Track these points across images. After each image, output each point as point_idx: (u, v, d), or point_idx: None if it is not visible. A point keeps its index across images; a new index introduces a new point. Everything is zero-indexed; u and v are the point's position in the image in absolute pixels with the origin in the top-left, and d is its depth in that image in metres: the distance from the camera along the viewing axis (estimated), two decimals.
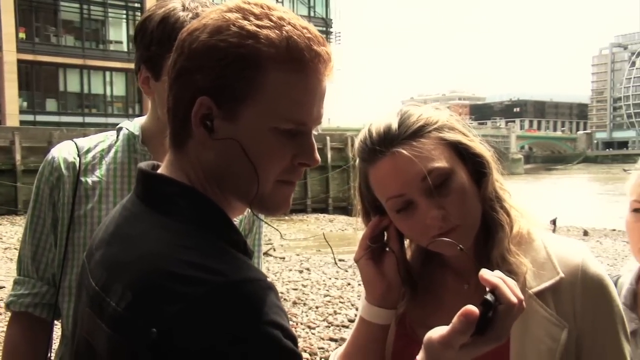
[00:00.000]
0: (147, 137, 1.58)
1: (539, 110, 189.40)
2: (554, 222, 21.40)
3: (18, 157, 20.35)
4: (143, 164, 0.94)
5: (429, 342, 0.89)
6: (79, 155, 1.57)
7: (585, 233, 21.27)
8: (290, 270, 11.55)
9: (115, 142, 1.60)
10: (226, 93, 0.84)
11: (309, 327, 7.57)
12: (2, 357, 1.60)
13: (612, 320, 1.10)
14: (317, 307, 8.52)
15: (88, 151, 1.59)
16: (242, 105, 0.84)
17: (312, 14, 41.52)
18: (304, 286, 10.04)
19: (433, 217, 1.05)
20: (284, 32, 0.83)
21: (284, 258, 12.99)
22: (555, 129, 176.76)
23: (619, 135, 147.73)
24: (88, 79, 33.40)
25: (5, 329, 1.66)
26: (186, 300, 0.75)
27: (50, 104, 32.25)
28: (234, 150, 0.84)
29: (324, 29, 42.41)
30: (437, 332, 0.88)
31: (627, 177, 1.45)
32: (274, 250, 14.76)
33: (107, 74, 33.52)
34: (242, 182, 0.87)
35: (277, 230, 1.71)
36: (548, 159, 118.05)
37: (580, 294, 1.08)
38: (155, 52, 1.45)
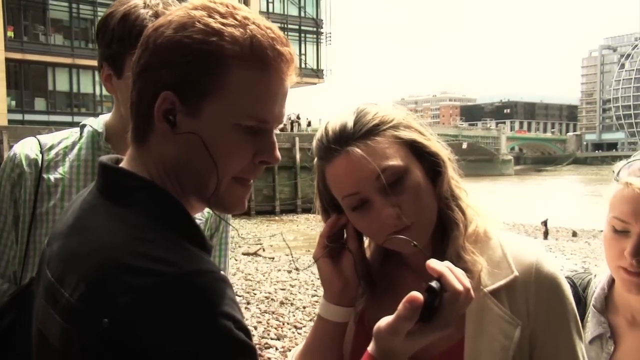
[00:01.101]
0: (110, 134, 1.57)
1: (529, 111, 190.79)
2: (545, 223, 21.54)
3: (5, 155, 20.23)
4: (105, 158, 0.94)
5: (377, 330, 0.91)
6: (41, 152, 1.56)
7: (574, 234, 21.41)
8: (279, 270, 11.55)
9: (79, 140, 1.59)
10: (189, 88, 0.85)
11: (295, 327, 7.58)
12: None
13: (565, 319, 1.11)
14: (304, 307, 8.52)
15: (51, 148, 1.58)
16: (205, 101, 0.85)
17: (302, 14, 41.58)
18: (292, 286, 10.05)
19: (387, 215, 1.05)
20: (248, 30, 0.85)
21: (273, 258, 13.00)
22: (545, 131, 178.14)
23: (608, 137, 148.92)
24: (77, 78, 33.24)
25: None
26: (137, 291, 0.75)
27: (39, 103, 32.06)
28: (195, 145, 0.85)
29: (315, 29, 42.51)
30: (384, 321, 0.90)
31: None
32: (264, 250, 14.79)
33: (97, 73, 33.10)
34: (201, 178, 0.88)
35: (235, 228, 1.69)
36: (538, 160, 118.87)
37: (534, 292, 1.09)
38: (116, 49, 1.45)
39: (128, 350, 0.74)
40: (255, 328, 7.31)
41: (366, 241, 1.20)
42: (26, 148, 1.57)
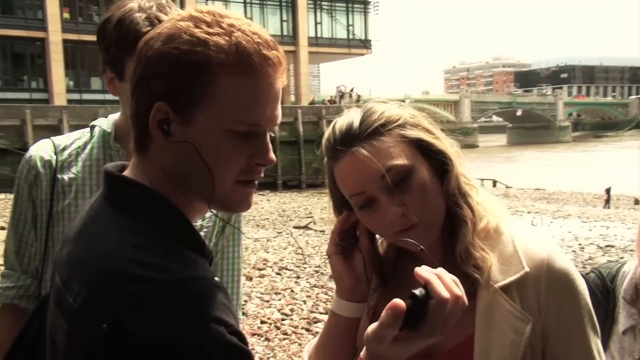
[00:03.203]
0: (119, 133, 1.62)
1: (588, 75, 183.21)
2: (608, 191, 20.87)
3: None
4: (110, 165, 0.98)
5: (365, 336, 0.92)
6: (55, 153, 1.63)
7: (637, 202, 20.66)
8: None
9: (90, 139, 1.65)
10: (180, 98, 0.88)
11: None
12: None
13: (578, 314, 1.10)
14: None
15: (64, 149, 1.64)
16: (196, 110, 0.88)
17: None
18: None
19: (393, 213, 1.07)
20: (233, 38, 0.87)
21: (323, 231, 13.10)
22: (605, 95, 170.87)
23: None
24: None
25: None
26: (133, 297, 0.79)
27: (95, 83, 32.90)
28: (190, 152, 0.88)
29: None
30: (371, 327, 0.91)
31: None
32: (314, 223, 14.91)
33: None
34: (199, 183, 0.90)
35: (242, 232, 1.72)
36: (598, 125, 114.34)
37: (545, 288, 1.08)
38: (115, 53, 1.50)
39: (125, 355, 0.78)
40: (304, 302, 7.43)
41: (380, 237, 1.22)
42: (41, 150, 1.64)
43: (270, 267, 9.49)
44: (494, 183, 27.57)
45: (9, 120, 23.49)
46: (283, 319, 6.71)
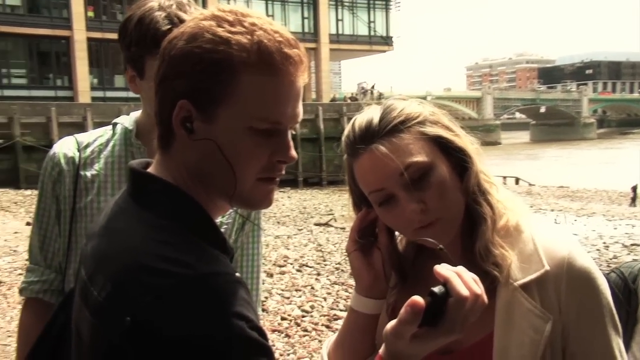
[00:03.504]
0: (140, 131, 1.65)
1: (614, 71, 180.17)
2: (634, 188, 20.52)
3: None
4: (134, 162, 1.00)
5: (384, 333, 0.92)
6: (78, 150, 1.66)
7: None
8: None
9: (113, 137, 1.67)
10: (203, 96, 0.89)
11: None
12: (17, 339, 1.75)
13: (599, 313, 1.08)
14: None
15: (87, 146, 1.67)
16: (219, 108, 0.89)
17: None
18: None
19: (412, 210, 1.07)
20: (255, 36, 0.88)
21: (344, 228, 13.10)
22: (632, 91, 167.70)
23: None
24: None
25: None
26: (156, 291, 0.80)
27: (119, 80, 33.26)
28: (212, 150, 0.89)
29: None
30: (390, 324, 0.91)
31: None
32: (335, 220, 14.92)
33: None
34: (221, 181, 0.92)
35: (261, 228, 1.73)
36: (624, 122, 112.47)
37: (566, 286, 1.07)
38: (135, 52, 1.52)
39: (148, 348, 0.79)
40: (325, 299, 7.44)
41: (399, 234, 1.22)
42: (64, 147, 1.67)
43: (291, 264, 9.53)
44: (517, 180, 27.30)
45: (35, 118, 23.91)
46: (303, 316, 6.74)
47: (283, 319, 6.62)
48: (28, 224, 11.44)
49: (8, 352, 5.30)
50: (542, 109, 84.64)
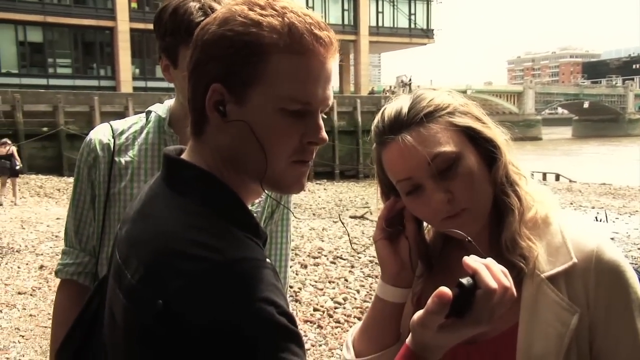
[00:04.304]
0: (173, 119, 1.68)
1: None
2: None
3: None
4: (168, 149, 1.02)
5: (411, 323, 0.93)
6: (113, 137, 1.70)
7: None
8: None
9: (147, 124, 1.72)
10: (235, 78, 0.90)
11: None
12: (52, 319, 1.81)
13: (628, 309, 1.07)
14: None
15: (122, 133, 1.71)
16: (250, 89, 0.90)
17: None
18: None
19: (438, 200, 1.07)
20: (285, 19, 0.89)
21: None
22: None
23: None
24: None
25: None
26: (187, 276, 0.82)
27: (160, 70, 33.46)
28: (245, 132, 0.90)
29: None
30: (417, 314, 0.92)
31: None
32: (371, 214, 14.86)
33: None
34: (253, 163, 0.93)
35: (292, 212, 1.74)
36: None
37: (594, 280, 1.06)
38: (170, 42, 1.55)
39: (179, 330, 0.81)
40: (358, 291, 7.44)
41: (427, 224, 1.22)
42: (100, 134, 1.71)
43: (325, 255, 9.56)
44: (557, 177, 26.73)
45: (79, 107, 24.49)
46: (336, 307, 6.75)
47: (316, 310, 6.65)
48: None
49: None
50: (586, 104, 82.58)
